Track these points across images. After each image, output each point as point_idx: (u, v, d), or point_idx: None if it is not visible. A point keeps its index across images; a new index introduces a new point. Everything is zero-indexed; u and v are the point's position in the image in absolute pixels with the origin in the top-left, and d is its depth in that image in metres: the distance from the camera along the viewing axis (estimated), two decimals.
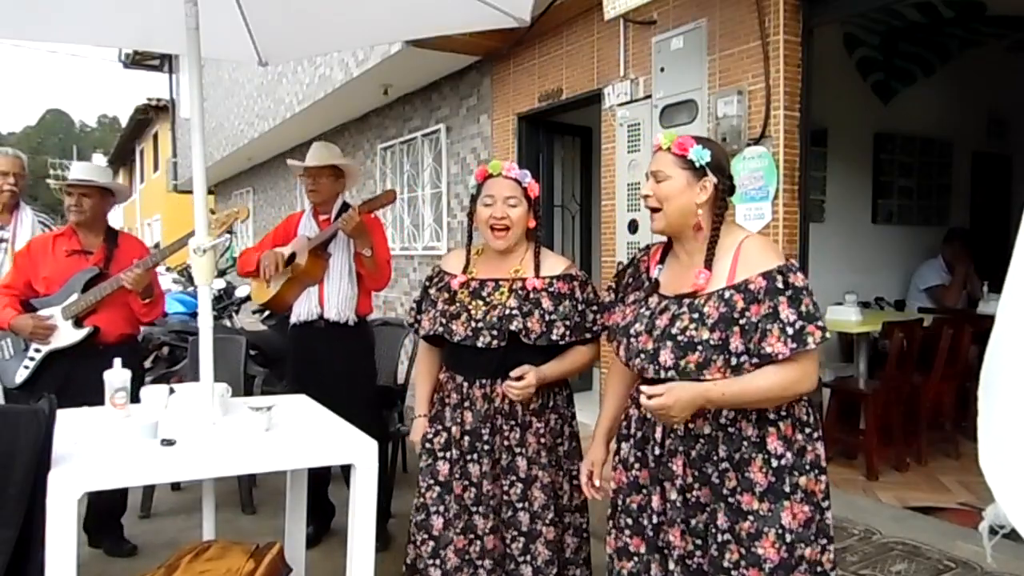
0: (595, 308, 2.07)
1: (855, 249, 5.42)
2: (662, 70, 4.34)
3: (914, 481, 3.85)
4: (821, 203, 5.20)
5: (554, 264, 2.13)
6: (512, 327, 2.00)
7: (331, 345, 3.15)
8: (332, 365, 3.12)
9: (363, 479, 1.99)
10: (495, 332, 2.02)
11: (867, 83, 5.43)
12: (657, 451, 1.70)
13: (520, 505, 2.05)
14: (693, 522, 1.65)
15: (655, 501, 1.70)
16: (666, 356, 1.63)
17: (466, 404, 2.09)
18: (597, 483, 1.91)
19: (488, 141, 6.17)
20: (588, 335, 2.07)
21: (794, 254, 3.75)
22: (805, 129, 3.76)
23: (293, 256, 3.16)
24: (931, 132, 5.92)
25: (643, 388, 1.61)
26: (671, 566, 1.67)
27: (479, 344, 2.03)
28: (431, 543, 2.08)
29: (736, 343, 1.57)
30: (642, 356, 1.68)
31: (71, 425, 2.05)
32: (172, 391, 2.31)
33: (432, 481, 2.11)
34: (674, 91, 4.26)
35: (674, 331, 1.63)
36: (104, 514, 3.14)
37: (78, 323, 2.95)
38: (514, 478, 2.05)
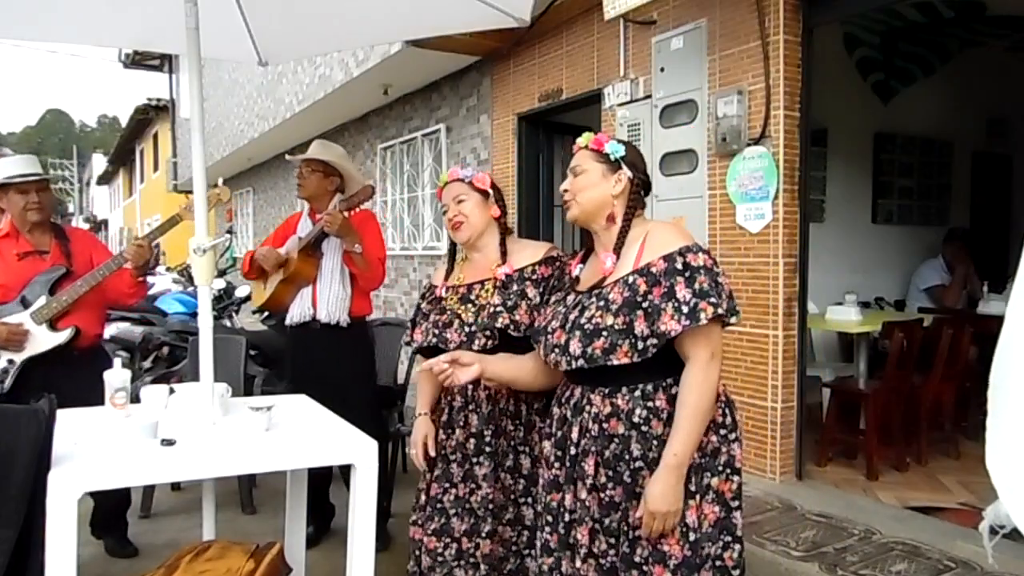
0: None
1: (855, 249, 5.43)
2: (662, 70, 4.34)
3: (914, 481, 3.85)
4: (821, 203, 5.21)
5: (534, 251, 2.14)
6: (498, 324, 2.01)
7: (327, 346, 3.14)
8: (328, 366, 3.10)
9: (363, 479, 1.99)
10: (487, 332, 2.02)
11: (867, 83, 5.44)
12: (572, 451, 1.72)
13: (523, 500, 2.06)
14: (607, 521, 1.66)
15: (567, 499, 1.72)
16: (574, 345, 1.66)
17: (471, 407, 2.09)
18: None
19: (488, 141, 6.18)
20: None
21: (794, 254, 3.75)
22: (805, 129, 3.76)
23: (287, 256, 3.16)
24: (931, 132, 5.93)
25: (637, 518, 1.60)
26: (578, 563, 1.69)
27: (475, 347, 2.02)
28: (455, 546, 2.07)
29: (641, 327, 1.60)
30: (556, 350, 1.71)
31: (71, 425, 2.05)
32: (172, 391, 2.30)
33: (448, 484, 2.10)
34: (674, 91, 4.26)
35: (582, 320, 1.67)
36: (109, 510, 3.12)
37: (52, 326, 2.82)
38: (518, 475, 2.06)
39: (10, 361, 2.79)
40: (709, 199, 4.06)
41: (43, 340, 2.80)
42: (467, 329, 2.04)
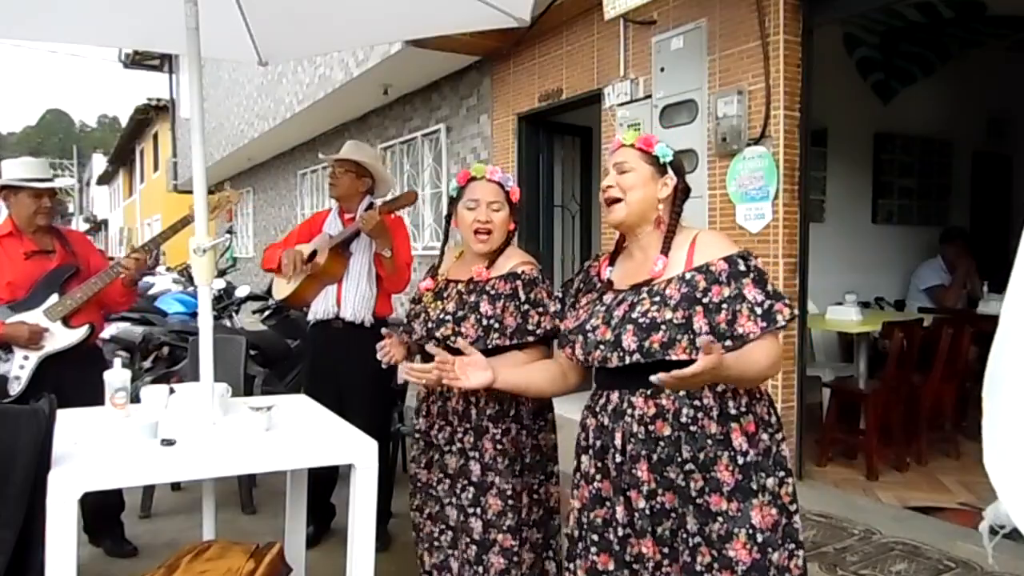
0: (540, 310, 1.97)
1: (855, 249, 5.43)
2: (662, 70, 4.34)
3: (914, 481, 3.85)
4: (821, 203, 5.21)
5: (505, 263, 2.06)
6: (438, 335, 1.98)
7: (347, 345, 3.13)
8: (347, 365, 3.11)
9: (363, 479, 1.99)
10: (436, 337, 2.00)
11: (867, 83, 5.44)
12: (619, 458, 1.63)
13: (472, 511, 2.02)
14: (659, 529, 1.60)
15: (619, 512, 1.64)
16: (629, 340, 1.59)
17: (431, 398, 2.12)
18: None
19: (488, 141, 6.18)
20: (531, 338, 1.97)
21: (794, 254, 3.75)
22: (805, 129, 3.76)
23: (315, 253, 3.17)
24: (931, 132, 5.93)
25: (660, 376, 1.37)
26: None
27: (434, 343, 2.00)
28: (449, 533, 2.08)
29: (699, 322, 1.56)
30: (602, 347, 1.64)
31: (71, 425, 2.04)
32: (172, 391, 2.30)
33: (442, 475, 2.09)
34: (674, 91, 4.26)
35: (635, 315, 1.62)
36: (103, 514, 3.13)
37: (66, 323, 2.86)
38: (466, 482, 2.03)
39: (25, 358, 2.80)
40: (709, 199, 4.06)
41: (60, 337, 2.85)
42: (429, 326, 2.03)
